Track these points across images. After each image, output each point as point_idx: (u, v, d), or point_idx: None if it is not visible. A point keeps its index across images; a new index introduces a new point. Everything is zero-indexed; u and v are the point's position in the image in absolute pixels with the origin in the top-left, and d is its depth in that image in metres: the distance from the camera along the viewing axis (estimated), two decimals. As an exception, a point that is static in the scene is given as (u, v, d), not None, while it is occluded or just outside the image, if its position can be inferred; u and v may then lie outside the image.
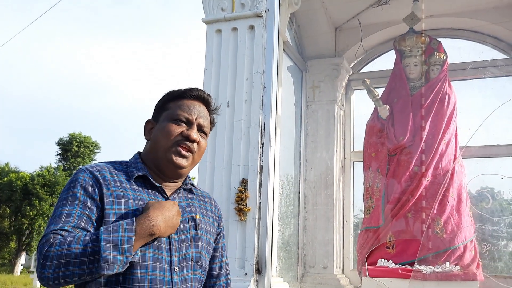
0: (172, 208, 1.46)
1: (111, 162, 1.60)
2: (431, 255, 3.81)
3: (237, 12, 3.66)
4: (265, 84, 3.52)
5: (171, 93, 1.64)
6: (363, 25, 5.10)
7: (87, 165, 1.55)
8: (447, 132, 4.18)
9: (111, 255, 1.31)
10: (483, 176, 4.23)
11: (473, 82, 4.70)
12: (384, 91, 4.59)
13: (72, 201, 1.44)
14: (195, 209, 1.65)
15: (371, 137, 4.43)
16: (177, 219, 1.47)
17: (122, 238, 1.34)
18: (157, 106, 1.65)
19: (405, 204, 4.04)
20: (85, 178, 1.48)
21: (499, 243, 4.24)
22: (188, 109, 1.60)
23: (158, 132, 1.58)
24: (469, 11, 4.88)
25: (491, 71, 4.40)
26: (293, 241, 4.89)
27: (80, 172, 1.51)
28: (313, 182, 5.08)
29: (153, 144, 1.59)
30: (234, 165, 3.46)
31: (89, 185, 1.47)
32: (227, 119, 3.56)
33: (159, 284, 1.43)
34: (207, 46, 3.73)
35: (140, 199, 1.51)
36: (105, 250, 1.30)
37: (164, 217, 1.42)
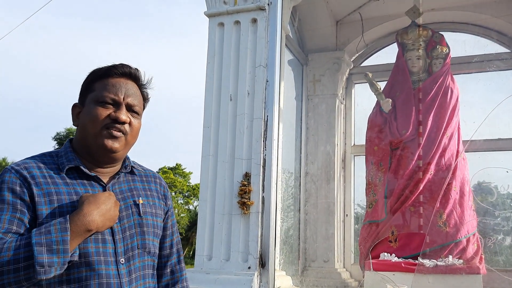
0: (108, 200, 1.39)
1: (40, 156, 1.50)
2: (434, 249, 3.81)
3: (240, 5, 3.63)
4: (268, 78, 3.50)
5: (95, 72, 1.52)
6: (364, 18, 5.08)
7: (13, 164, 1.45)
8: (449, 126, 4.17)
9: (46, 258, 1.24)
10: (487, 170, 4.23)
11: (477, 76, 4.69)
12: (386, 85, 4.58)
13: (1, 205, 1.35)
14: (137, 192, 1.56)
15: (373, 131, 4.42)
16: (115, 211, 1.40)
17: (56, 239, 1.26)
18: (82, 88, 1.52)
19: (408, 198, 4.04)
20: (12, 179, 1.38)
21: (501, 237, 4.25)
22: (114, 89, 1.48)
23: (85, 116, 1.47)
24: (471, 5, 4.86)
25: (495, 65, 4.39)
26: (295, 235, 4.89)
27: (5, 172, 1.40)
28: (314, 176, 5.07)
29: (81, 130, 1.49)
30: (237, 158, 3.45)
31: (16, 186, 1.38)
32: (230, 112, 3.54)
33: (106, 279, 1.37)
34: (210, 40, 3.70)
35: (75, 193, 1.42)
36: (39, 254, 1.23)
37: (100, 210, 1.35)
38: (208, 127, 3.57)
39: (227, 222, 3.35)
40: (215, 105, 3.59)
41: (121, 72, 1.51)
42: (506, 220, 4.46)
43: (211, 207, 3.43)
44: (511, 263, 4.52)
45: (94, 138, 1.46)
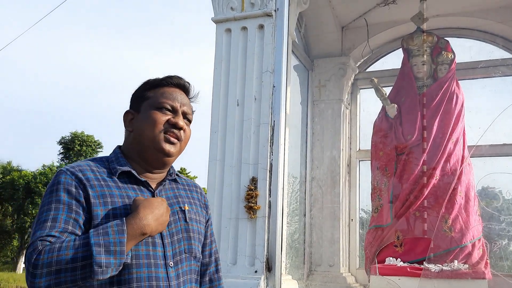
0: (161, 206, 1.44)
1: (92, 160, 1.54)
2: (439, 254, 3.83)
3: (247, 12, 3.67)
4: (274, 83, 3.53)
5: (150, 82, 1.60)
6: (369, 24, 5.11)
7: (67, 166, 1.49)
8: (455, 131, 4.19)
9: (104, 259, 1.27)
10: (491, 175, 4.25)
11: (482, 81, 4.71)
12: (391, 90, 4.60)
13: (57, 205, 1.38)
14: (182, 199, 1.61)
15: (379, 136, 4.44)
16: (166, 216, 1.45)
17: (114, 240, 1.30)
18: (135, 96, 1.60)
19: (413, 203, 4.06)
20: (67, 180, 1.43)
21: (506, 242, 4.25)
22: (172, 97, 1.56)
23: (143, 121, 1.53)
24: (477, 11, 4.88)
25: (500, 70, 4.41)
26: (300, 240, 4.91)
27: (61, 174, 1.45)
28: (319, 181, 5.09)
29: (137, 135, 1.54)
30: (244, 163, 3.48)
31: (72, 187, 1.42)
32: (237, 117, 3.57)
33: (156, 281, 1.41)
34: (217, 45, 3.74)
35: (127, 197, 1.47)
36: (97, 254, 1.26)
37: (154, 215, 1.40)
38: (215, 132, 3.61)
39: (234, 226, 3.38)
40: (222, 110, 3.63)
41: (177, 83, 1.60)
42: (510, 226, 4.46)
43: (218, 212, 3.46)
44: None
45: (152, 142, 1.52)
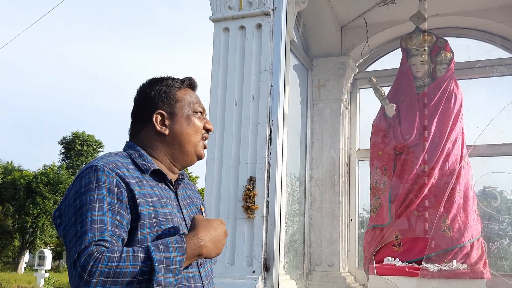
0: (220, 228, 1.42)
1: (116, 155, 1.48)
2: (438, 253, 3.82)
3: (245, 11, 3.66)
4: (272, 82, 3.52)
5: (175, 81, 1.60)
6: (369, 23, 5.10)
7: (101, 161, 1.40)
8: (453, 131, 4.18)
9: (164, 277, 1.25)
10: (490, 175, 4.24)
11: (480, 81, 4.71)
12: (390, 90, 4.59)
13: (100, 204, 1.31)
14: (196, 199, 1.63)
15: (378, 135, 4.43)
16: (224, 240, 1.43)
17: (174, 259, 1.27)
18: (161, 95, 1.56)
19: (412, 203, 4.05)
20: (108, 178, 1.36)
21: (506, 242, 4.25)
22: (199, 100, 1.61)
23: (184, 125, 1.55)
24: (476, 10, 4.88)
25: (499, 70, 4.40)
26: (299, 240, 4.90)
27: (99, 171, 1.37)
28: (319, 181, 5.09)
29: (176, 138, 1.54)
30: (242, 163, 3.47)
31: (114, 186, 1.35)
32: (235, 117, 3.56)
33: (193, 282, 1.41)
34: (215, 45, 3.73)
35: (160, 196, 1.46)
36: (159, 272, 1.24)
37: (212, 237, 1.38)
38: (213, 132, 3.59)
39: (232, 226, 3.37)
40: (220, 109, 3.62)
41: (195, 85, 1.64)
42: (511, 225, 4.46)
43: (216, 211, 3.45)
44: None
45: (193, 147, 1.55)
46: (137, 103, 1.60)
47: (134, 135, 1.58)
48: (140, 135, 1.57)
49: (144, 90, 1.59)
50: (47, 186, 25.11)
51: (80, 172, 1.40)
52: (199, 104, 1.60)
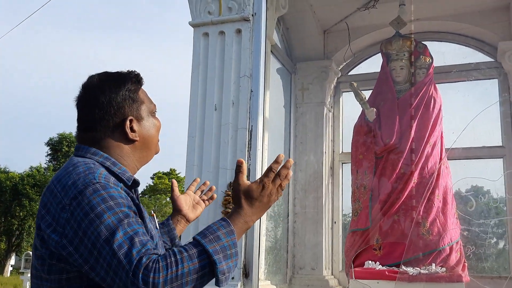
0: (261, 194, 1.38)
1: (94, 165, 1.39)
2: (417, 257, 3.85)
3: (224, 16, 3.67)
4: (252, 88, 3.53)
5: (133, 82, 1.53)
6: (351, 28, 5.13)
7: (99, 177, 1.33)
8: (433, 135, 4.23)
9: (225, 265, 1.24)
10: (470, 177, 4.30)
11: (458, 85, 4.76)
12: (371, 94, 4.63)
13: (128, 219, 1.26)
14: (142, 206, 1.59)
15: (359, 139, 4.47)
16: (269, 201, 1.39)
17: (228, 243, 1.26)
18: (129, 99, 1.50)
19: (392, 206, 4.08)
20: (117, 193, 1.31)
21: (485, 244, 4.30)
22: (150, 98, 1.60)
23: (150, 129, 1.53)
24: (455, 15, 4.93)
25: (477, 74, 4.46)
26: (282, 243, 4.91)
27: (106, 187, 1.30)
28: (302, 184, 5.10)
29: (145, 142, 1.52)
30: (222, 168, 3.47)
31: (125, 200, 1.31)
32: (215, 122, 3.57)
33: None
34: (194, 50, 3.73)
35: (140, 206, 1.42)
36: (219, 262, 1.22)
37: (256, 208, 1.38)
38: (193, 137, 3.60)
39: (211, 231, 3.37)
40: (200, 115, 3.62)
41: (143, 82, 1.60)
42: (491, 227, 4.51)
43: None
44: (495, 270, 4.57)
45: (156, 147, 1.57)
46: (97, 107, 1.47)
47: (94, 141, 1.48)
48: (104, 142, 1.47)
49: (103, 93, 1.48)
50: (34, 188, 24.91)
51: (78, 191, 1.29)
52: (153, 103, 1.59)
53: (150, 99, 1.58)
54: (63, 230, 1.29)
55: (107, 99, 1.48)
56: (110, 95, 1.48)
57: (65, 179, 1.35)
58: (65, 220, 1.29)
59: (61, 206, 1.30)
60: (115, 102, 1.48)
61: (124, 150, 1.50)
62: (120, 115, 1.48)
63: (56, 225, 1.30)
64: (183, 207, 1.81)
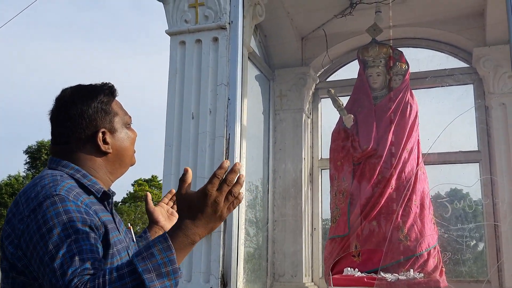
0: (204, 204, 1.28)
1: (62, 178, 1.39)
2: (395, 263, 3.87)
3: (201, 24, 3.65)
4: (229, 96, 3.52)
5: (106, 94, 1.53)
6: (328, 34, 5.16)
7: (61, 190, 1.32)
8: (409, 141, 4.26)
9: (158, 284, 1.17)
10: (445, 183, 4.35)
11: (434, 91, 4.81)
12: (348, 100, 4.66)
13: (77, 235, 1.25)
14: (118, 217, 1.58)
15: (337, 146, 4.49)
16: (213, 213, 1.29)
17: (163, 261, 1.19)
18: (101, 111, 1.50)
19: (370, 212, 4.10)
20: (75, 208, 1.29)
21: (463, 248, 4.34)
22: (125, 109, 1.60)
23: (124, 141, 1.53)
24: (430, 21, 4.99)
25: (450, 80, 4.52)
26: (262, 251, 4.89)
27: (64, 200, 1.30)
28: (281, 191, 5.10)
29: (119, 154, 1.52)
30: (199, 177, 3.45)
31: (83, 214, 1.30)
32: (192, 131, 3.55)
33: None
34: (171, 58, 3.71)
35: (110, 221, 1.43)
36: (150, 282, 1.16)
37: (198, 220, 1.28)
38: (170, 146, 3.57)
39: (189, 241, 3.34)
40: (177, 123, 3.60)
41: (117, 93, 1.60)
42: (468, 232, 4.56)
43: (173, 226, 3.41)
44: (473, 274, 4.62)
45: (131, 158, 1.57)
46: (69, 120, 1.48)
47: (66, 154, 1.48)
48: (77, 154, 1.48)
49: (75, 106, 1.48)
50: (12, 197, 24.49)
51: (38, 203, 1.29)
52: (128, 114, 1.59)
53: (124, 111, 1.58)
54: (18, 241, 1.30)
55: (79, 112, 1.48)
56: (81, 107, 1.49)
57: (30, 191, 1.36)
58: (21, 231, 1.30)
59: (20, 218, 1.32)
60: (86, 114, 1.48)
61: (96, 162, 1.50)
62: (92, 128, 1.49)
63: (14, 237, 1.32)
64: (160, 219, 1.81)
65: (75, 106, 1.48)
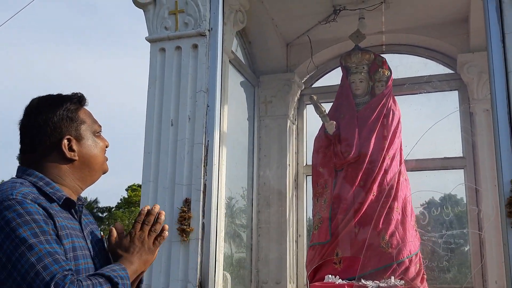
0: (138, 251, 1.52)
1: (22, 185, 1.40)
2: (376, 270, 3.85)
3: (181, 31, 3.64)
4: (208, 103, 3.51)
5: (73, 102, 1.56)
6: (313, 41, 5.15)
7: (17, 194, 1.35)
8: (391, 147, 4.25)
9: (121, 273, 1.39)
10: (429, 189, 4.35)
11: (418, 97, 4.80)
12: (331, 107, 4.65)
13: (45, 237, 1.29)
14: (93, 226, 1.61)
15: (319, 152, 4.47)
16: (144, 254, 1.54)
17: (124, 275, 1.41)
18: (66, 118, 1.52)
19: (352, 219, 4.08)
20: (35, 209, 1.33)
21: (447, 255, 4.33)
22: (94, 118, 1.62)
23: (92, 148, 1.55)
24: (415, 27, 5.00)
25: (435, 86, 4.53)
26: (246, 258, 4.87)
27: (23, 203, 1.32)
28: (266, 197, 5.08)
29: (86, 161, 1.53)
30: (178, 184, 3.43)
31: (43, 216, 1.33)
32: (171, 138, 3.52)
33: None
34: (151, 65, 3.69)
35: (72, 228, 1.44)
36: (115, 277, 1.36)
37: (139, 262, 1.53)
38: (149, 153, 3.55)
39: (167, 249, 3.32)
40: (156, 130, 3.58)
41: (87, 102, 1.63)
42: (452, 238, 4.55)
43: (151, 234, 3.38)
44: (457, 281, 4.61)
45: (101, 166, 1.59)
46: (35, 128, 1.50)
47: (33, 162, 1.50)
48: (43, 162, 1.50)
49: (41, 114, 1.50)
50: None
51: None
52: (97, 123, 1.62)
53: (94, 120, 1.60)
54: None
55: (43, 119, 1.50)
56: (47, 115, 1.51)
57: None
58: None
59: None
60: (51, 122, 1.50)
61: (62, 169, 1.51)
62: (57, 135, 1.50)
63: None
64: None
65: (41, 114, 1.51)
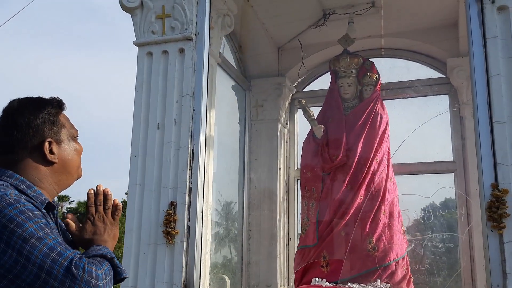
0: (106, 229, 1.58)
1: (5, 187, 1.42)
2: (363, 273, 3.86)
3: (168, 35, 3.66)
4: (194, 106, 3.53)
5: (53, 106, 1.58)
6: (304, 45, 5.18)
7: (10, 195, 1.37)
8: (379, 151, 4.26)
9: None
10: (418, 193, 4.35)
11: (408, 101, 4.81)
12: (320, 111, 4.67)
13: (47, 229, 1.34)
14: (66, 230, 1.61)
15: (307, 156, 4.49)
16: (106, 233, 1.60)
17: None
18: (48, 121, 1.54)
19: (339, 223, 4.09)
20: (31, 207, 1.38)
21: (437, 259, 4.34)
22: (71, 123, 1.65)
23: (70, 152, 1.58)
24: (405, 32, 5.02)
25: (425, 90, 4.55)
26: (237, 261, 4.88)
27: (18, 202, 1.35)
28: (257, 200, 5.09)
29: (64, 164, 1.56)
30: (164, 187, 3.45)
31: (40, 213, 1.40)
32: (157, 141, 3.54)
33: None
34: (138, 69, 3.72)
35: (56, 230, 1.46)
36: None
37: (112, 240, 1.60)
38: (135, 156, 3.57)
39: (153, 252, 3.33)
40: (143, 133, 3.60)
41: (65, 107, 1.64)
42: (442, 242, 4.56)
43: (137, 237, 3.41)
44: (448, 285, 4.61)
45: (77, 170, 1.61)
46: (16, 130, 1.51)
47: (11, 163, 1.51)
48: (22, 164, 1.51)
49: (23, 115, 1.51)
50: None
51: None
52: (75, 127, 1.64)
53: (71, 124, 1.63)
54: None
55: (26, 121, 1.51)
56: (29, 117, 1.52)
57: None
58: None
59: None
60: (34, 124, 1.52)
61: (41, 172, 1.52)
62: (39, 137, 1.52)
63: None
64: None
65: (22, 116, 1.52)
